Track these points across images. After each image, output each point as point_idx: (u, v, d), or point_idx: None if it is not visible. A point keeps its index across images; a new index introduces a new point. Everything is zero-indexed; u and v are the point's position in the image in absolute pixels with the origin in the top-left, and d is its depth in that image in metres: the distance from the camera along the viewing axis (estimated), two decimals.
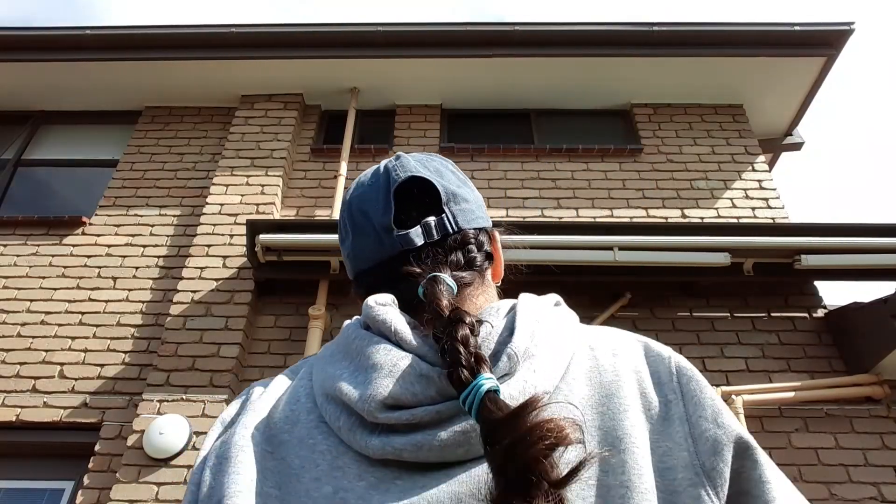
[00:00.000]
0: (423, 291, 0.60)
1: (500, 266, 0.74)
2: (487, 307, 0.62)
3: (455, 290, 0.60)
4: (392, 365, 0.55)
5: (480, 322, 0.57)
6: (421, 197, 0.67)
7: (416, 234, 0.64)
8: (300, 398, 0.60)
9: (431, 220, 0.65)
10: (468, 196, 0.70)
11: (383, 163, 0.72)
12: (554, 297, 0.68)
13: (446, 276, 0.61)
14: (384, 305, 0.61)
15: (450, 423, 0.52)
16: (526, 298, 0.63)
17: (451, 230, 0.66)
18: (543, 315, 0.61)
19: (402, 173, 0.67)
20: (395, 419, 0.53)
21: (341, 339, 0.63)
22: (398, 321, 0.59)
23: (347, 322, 0.65)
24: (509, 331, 0.57)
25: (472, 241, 0.67)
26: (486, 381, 0.49)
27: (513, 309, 0.61)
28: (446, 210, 0.66)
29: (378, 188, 0.68)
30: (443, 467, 0.52)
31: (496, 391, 0.49)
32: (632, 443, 0.53)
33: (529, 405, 0.46)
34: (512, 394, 0.52)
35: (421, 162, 0.71)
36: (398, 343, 0.58)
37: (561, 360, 0.58)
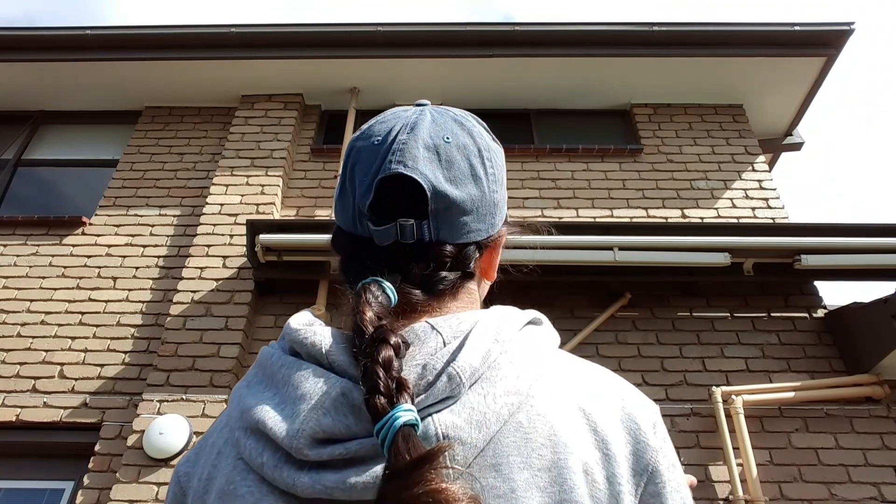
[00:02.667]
0: (354, 296, 0.54)
1: (490, 272, 0.66)
2: (448, 317, 0.56)
3: (393, 301, 0.54)
4: (322, 394, 0.49)
5: (407, 344, 0.51)
6: (411, 195, 0.57)
7: (385, 235, 0.56)
8: (220, 450, 0.56)
9: (410, 222, 0.56)
10: (467, 202, 0.59)
11: (399, 124, 0.61)
12: (531, 314, 0.60)
13: (387, 286, 0.55)
14: (310, 325, 0.56)
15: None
16: (493, 312, 0.57)
17: (426, 239, 0.57)
18: (505, 333, 0.54)
19: (395, 164, 0.57)
20: (328, 454, 0.47)
21: (261, 367, 0.57)
22: (327, 341, 0.53)
23: (266, 347, 0.59)
24: (460, 348, 0.51)
25: (448, 258, 0.59)
26: (404, 412, 0.44)
27: (474, 324, 0.54)
28: (430, 218, 0.57)
29: (374, 158, 0.59)
30: None
31: (414, 425, 0.44)
32: (579, 495, 0.48)
33: (431, 458, 0.41)
34: (456, 422, 0.47)
35: (434, 141, 0.59)
36: (330, 365, 0.52)
37: (520, 387, 0.51)
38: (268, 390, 0.54)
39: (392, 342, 0.49)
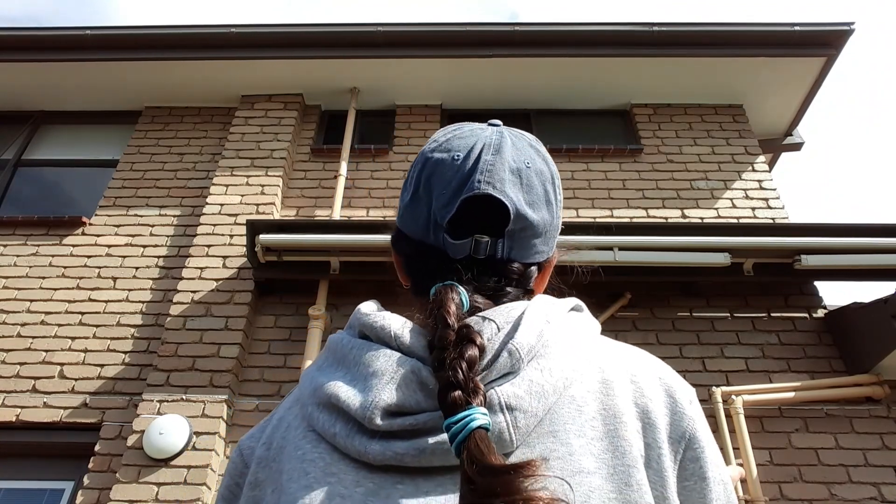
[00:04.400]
0: (434, 293, 0.58)
1: (541, 289, 0.71)
2: (497, 308, 0.59)
3: (465, 307, 0.57)
4: (393, 371, 0.53)
5: (483, 348, 0.53)
6: (488, 213, 0.61)
7: (461, 249, 0.60)
8: (290, 423, 0.59)
9: (485, 239, 0.60)
10: (540, 225, 0.64)
11: (483, 140, 0.64)
12: (573, 301, 0.64)
13: (462, 290, 0.58)
14: (379, 311, 0.60)
15: None
16: (539, 300, 0.60)
17: (499, 256, 0.62)
18: (555, 316, 0.58)
19: (484, 184, 0.60)
20: (398, 425, 0.51)
21: (331, 351, 0.61)
22: (396, 325, 0.57)
23: (333, 335, 0.63)
24: (515, 330, 0.55)
25: (515, 275, 0.63)
26: (480, 416, 0.46)
27: (524, 309, 0.58)
28: (505, 237, 0.61)
29: (455, 173, 0.62)
30: (447, 471, 0.50)
31: (487, 429, 0.46)
32: (638, 476, 0.50)
33: (526, 468, 0.42)
34: (517, 392, 0.51)
35: (518, 164, 0.63)
36: (399, 347, 0.56)
37: (573, 365, 0.55)
38: (338, 371, 0.58)
39: (478, 343, 0.52)
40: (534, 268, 0.66)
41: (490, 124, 0.68)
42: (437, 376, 0.51)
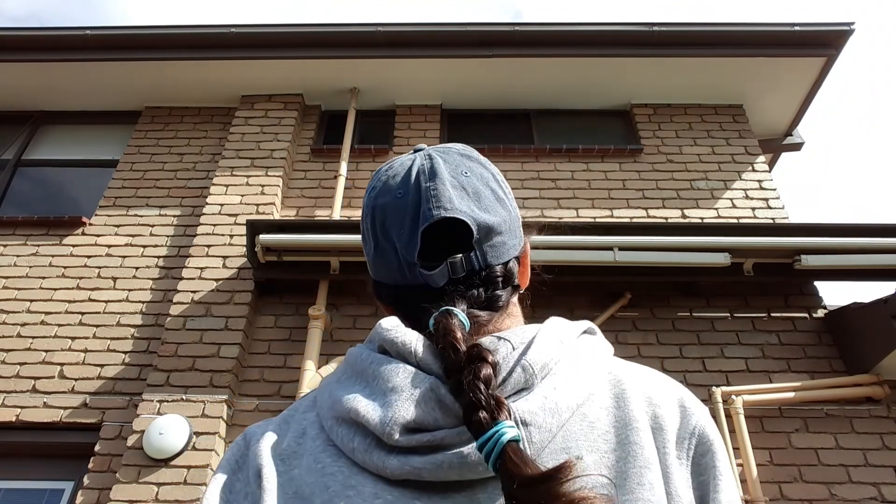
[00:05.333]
0: (434, 324, 0.58)
1: (526, 278, 0.72)
2: (512, 329, 0.60)
3: (467, 327, 0.58)
4: (412, 388, 0.54)
5: (496, 364, 0.54)
6: (450, 233, 0.62)
7: (441, 275, 0.61)
8: (305, 430, 0.60)
9: (458, 257, 0.61)
10: (502, 224, 0.65)
11: (416, 169, 0.65)
12: (586, 324, 0.65)
13: (459, 312, 0.58)
14: (398, 327, 0.61)
15: (471, 442, 0.50)
16: (552, 322, 0.62)
17: (477, 267, 0.62)
18: (567, 338, 0.60)
19: (435, 210, 0.61)
20: (416, 441, 0.52)
21: (349, 365, 0.62)
22: (416, 341, 0.58)
23: (352, 348, 0.64)
24: (528, 348, 0.56)
25: (499, 277, 0.64)
26: (508, 429, 0.47)
27: (538, 331, 0.59)
28: (476, 248, 0.62)
29: (405, 210, 0.63)
30: (463, 487, 0.51)
31: (517, 441, 0.47)
32: (650, 476, 0.52)
33: (563, 471, 0.43)
34: (531, 408, 0.52)
35: (458, 179, 0.64)
36: (418, 364, 0.57)
37: (585, 383, 0.56)
38: (357, 384, 0.59)
39: (490, 360, 0.52)
40: (512, 262, 0.66)
41: (415, 150, 0.70)
42: (459, 400, 0.51)
